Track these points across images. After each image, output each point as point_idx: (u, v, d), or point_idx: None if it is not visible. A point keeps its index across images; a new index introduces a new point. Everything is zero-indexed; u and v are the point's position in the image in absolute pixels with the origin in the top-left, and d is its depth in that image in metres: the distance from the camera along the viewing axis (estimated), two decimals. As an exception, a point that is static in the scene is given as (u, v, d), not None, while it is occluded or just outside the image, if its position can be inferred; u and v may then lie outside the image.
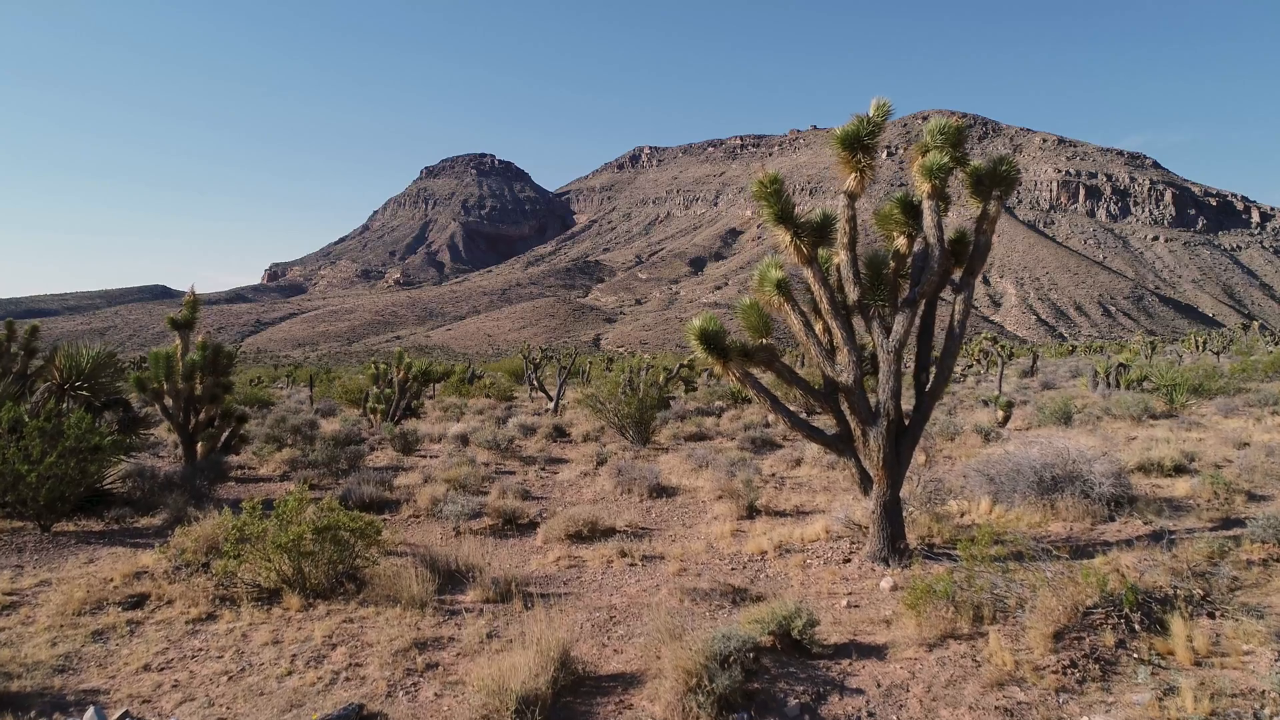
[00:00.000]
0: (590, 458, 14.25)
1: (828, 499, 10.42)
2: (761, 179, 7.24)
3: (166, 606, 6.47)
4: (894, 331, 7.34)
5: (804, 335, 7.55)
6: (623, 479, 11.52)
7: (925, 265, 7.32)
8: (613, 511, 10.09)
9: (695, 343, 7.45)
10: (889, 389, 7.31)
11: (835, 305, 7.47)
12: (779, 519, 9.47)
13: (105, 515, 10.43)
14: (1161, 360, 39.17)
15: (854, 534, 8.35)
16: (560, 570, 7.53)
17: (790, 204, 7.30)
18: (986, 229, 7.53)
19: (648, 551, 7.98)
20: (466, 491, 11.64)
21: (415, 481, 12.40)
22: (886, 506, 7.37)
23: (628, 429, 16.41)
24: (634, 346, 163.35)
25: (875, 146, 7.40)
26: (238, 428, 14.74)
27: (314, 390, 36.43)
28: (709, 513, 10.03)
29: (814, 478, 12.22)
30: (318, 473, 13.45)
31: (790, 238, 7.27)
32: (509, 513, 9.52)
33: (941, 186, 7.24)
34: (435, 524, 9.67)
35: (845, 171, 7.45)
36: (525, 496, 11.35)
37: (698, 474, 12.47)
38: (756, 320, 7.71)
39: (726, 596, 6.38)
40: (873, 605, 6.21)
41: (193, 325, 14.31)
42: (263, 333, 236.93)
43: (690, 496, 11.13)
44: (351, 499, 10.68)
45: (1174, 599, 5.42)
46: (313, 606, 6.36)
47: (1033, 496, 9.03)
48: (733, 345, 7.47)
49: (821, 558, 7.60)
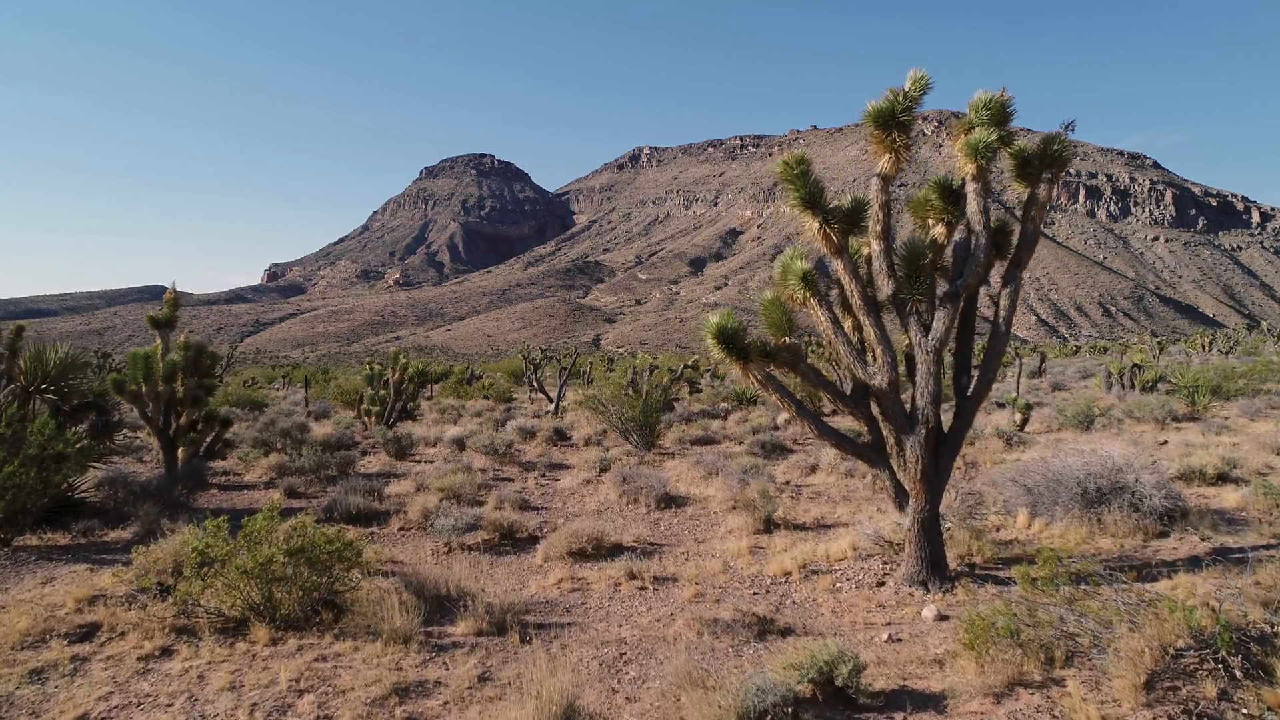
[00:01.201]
0: (593, 464, 13.50)
1: (850, 510, 9.67)
2: (787, 159, 6.50)
3: (118, 639, 5.73)
4: (934, 329, 6.61)
5: (832, 334, 6.81)
6: (628, 488, 10.78)
7: (969, 256, 6.58)
8: (618, 525, 9.35)
9: (712, 342, 6.72)
10: (928, 393, 6.57)
11: (868, 300, 6.73)
12: (799, 533, 8.72)
13: (73, 528, 9.68)
14: (1169, 361, 38.45)
15: (884, 552, 7.61)
16: (562, 594, 6.78)
17: (819, 187, 6.57)
18: (1035, 216, 6.79)
19: (659, 572, 7.23)
20: (461, 502, 10.90)
21: (407, 490, 11.65)
22: (925, 524, 6.63)
23: (631, 432, 15.68)
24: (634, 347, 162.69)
25: (911, 124, 6.67)
26: (222, 432, 14.00)
27: (309, 391, 35.68)
28: (722, 526, 9.28)
29: (832, 486, 11.47)
30: (304, 480, 12.70)
31: (819, 225, 6.53)
32: (506, 526, 8.78)
33: (987, 167, 6.51)
34: (426, 538, 8.93)
35: (878, 152, 6.71)
36: (524, 507, 10.61)
37: (707, 482, 11.73)
38: (778, 317, 6.98)
39: (751, 628, 5.64)
40: (918, 639, 5.47)
41: (173, 324, 13.58)
42: (262, 333, 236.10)
43: (701, 507, 10.39)
44: (337, 510, 9.94)
45: (1274, 637, 4.68)
46: (282, 640, 5.61)
47: (1076, 510, 8.28)
48: (753, 345, 6.74)
49: (852, 580, 6.86)
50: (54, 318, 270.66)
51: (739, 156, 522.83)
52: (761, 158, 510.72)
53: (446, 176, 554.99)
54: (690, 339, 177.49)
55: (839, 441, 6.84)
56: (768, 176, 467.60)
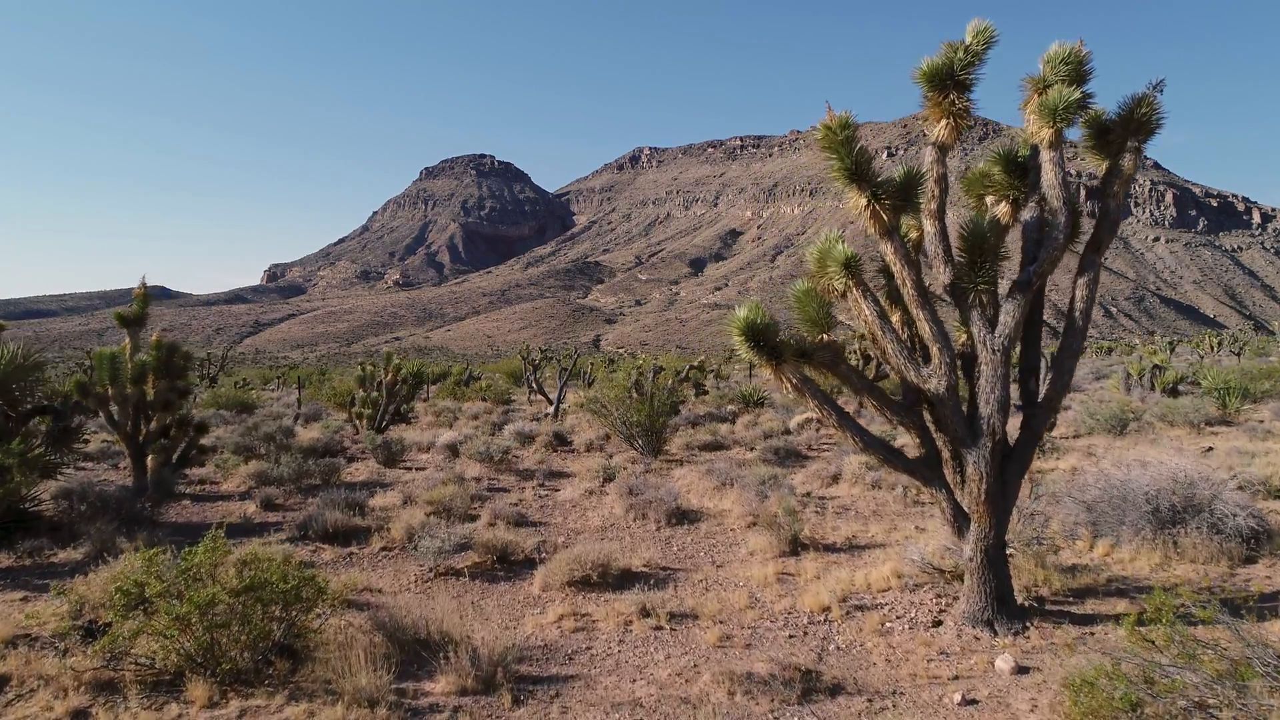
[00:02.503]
0: (595, 472, 12.51)
1: (884, 529, 8.67)
2: (829, 122, 5.50)
3: (27, 697, 4.73)
4: (1001, 324, 5.62)
5: (879, 330, 5.82)
6: (635, 501, 9.79)
7: (1044, 237, 5.60)
8: (626, 545, 8.35)
9: (740, 339, 5.72)
10: (994, 399, 5.58)
11: (922, 291, 5.74)
12: (830, 556, 7.73)
13: (19, 546, 8.68)
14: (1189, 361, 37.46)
15: (934, 581, 6.62)
16: (563, 635, 5.78)
17: (866, 155, 5.57)
18: (1118, 191, 5.79)
19: (676, 607, 6.22)
20: (452, 516, 9.90)
21: (393, 503, 10.66)
22: (989, 552, 5.64)
23: (636, 438, 14.68)
24: (634, 347, 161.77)
25: (972, 84, 5.68)
26: (197, 438, 12.99)
27: (303, 393, 34.67)
28: (742, 546, 8.28)
29: (858, 499, 10.48)
30: (283, 491, 11.71)
31: (867, 201, 5.54)
32: (499, 548, 7.78)
33: (1064, 131, 5.52)
34: (410, 561, 7.92)
35: (934, 117, 5.73)
36: (520, 523, 9.61)
37: (721, 493, 10.73)
38: (815, 311, 5.99)
39: (792, 685, 4.64)
40: (1000, 702, 4.47)
41: (143, 321, 12.59)
42: (262, 333, 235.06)
43: (717, 523, 9.39)
44: (313, 528, 8.94)
45: None
46: (224, 700, 4.62)
47: (1148, 531, 7.29)
48: (786, 343, 5.75)
49: (903, 618, 5.86)
50: (53, 318, 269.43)
51: (739, 157, 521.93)
52: (761, 158, 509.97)
53: (446, 177, 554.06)
54: (691, 339, 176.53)
55: (887, 456, 5.84)
56: (768, 177, 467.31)
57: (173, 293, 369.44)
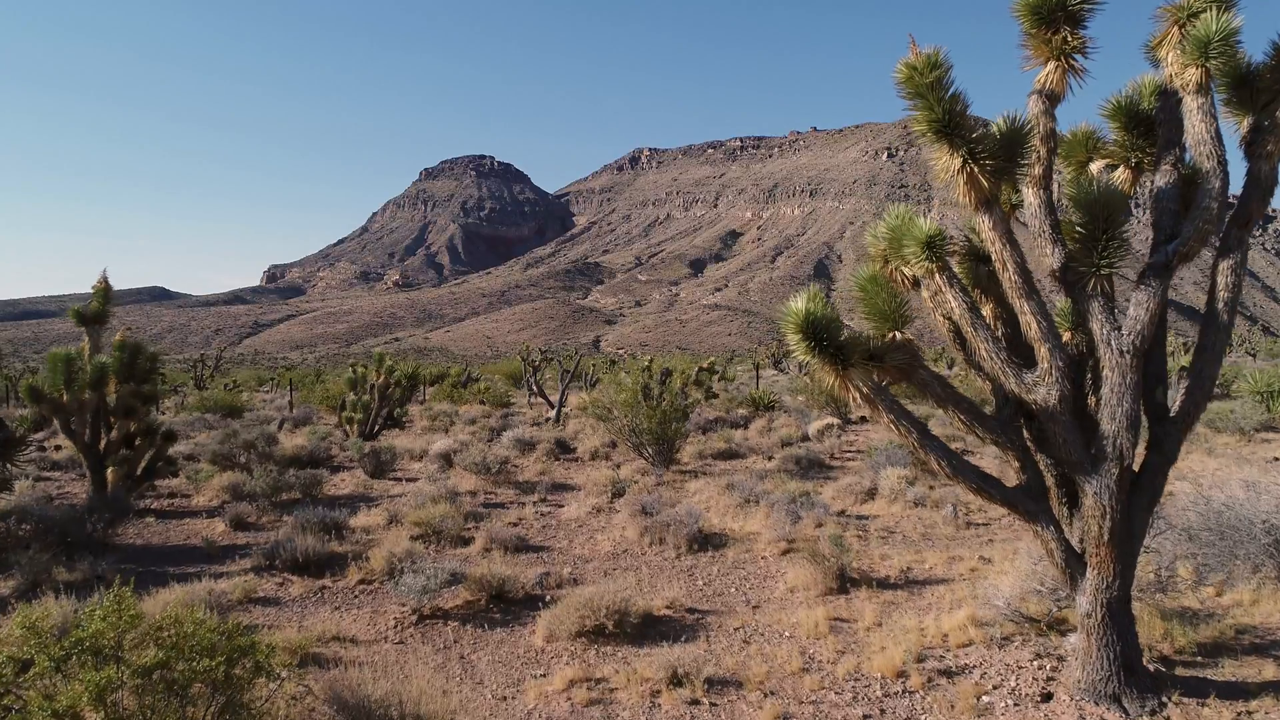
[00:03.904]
0: (603, 486, 11.32)
1: (941, 559, 7.48)
2: (913, 60, 4.32)
3: None
4: (1132, 318, 4.44)
5: (970, 326, 4.63)
6: (651, 523, 8.60)
7: (1194, 208, 4.41)
8: (644, 579, 7.17)
9: (796, 338, 4.54)
10: (1122, 414, 4.39)
11: (1026, 276, 4.56)
12: (885, 594, 6.54)
13: (-59, 578, 7.51)
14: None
15: (1022, 631, 5.44)
16: (574, 713, 4.58)
17: (961, 103, 4.38)
18: (1271, 152, 4.60)
19: (714, 670, 5.01)
20: (442, 540, 8.72)
21: (377, 523, 9.48)
22: (1113, 606, 4.45)
23: (645, 446, 13.49)
24: (634, 348, 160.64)
25: (1086, 17, 4.50)
26: (164, 447, 11.79)
27: (295, 395, 33.43)
28: (779, 580, 7.09)
29: (901, 520, 9.28)
30: (257, 507, 10.52)
31: (962, 162, 4.35)
32: (496, 585, 6.59)
33: (1211, 73, 4.34)
34: (392, 599, 6.73)
35: (1037, 56, 4.55)
36: (520, 548, 8.42)
37: (745, 513, 9.55)
38: (885, 304, 4.84)
39: (883, 799, 3.45)
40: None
41: (104, 319, 11.38)
42: (261, 334, 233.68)
43: (744, 549, 8.20)
44: (281, 556, 7.74)
45: None
46: (121, 823, 3.43)
47: (1271, 568, 6.10)
48: (854, 342, 4.57)
49: (1001, 688, 4.67)
50: (52, 319, 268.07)
51: (739, 158, 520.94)
52: (761, 159, 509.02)
53: (446, 178, 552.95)
54: (691, 340, 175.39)
55: (981, 485, 4.65)
56: (768, 178, 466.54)
57: (172, 293, 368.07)
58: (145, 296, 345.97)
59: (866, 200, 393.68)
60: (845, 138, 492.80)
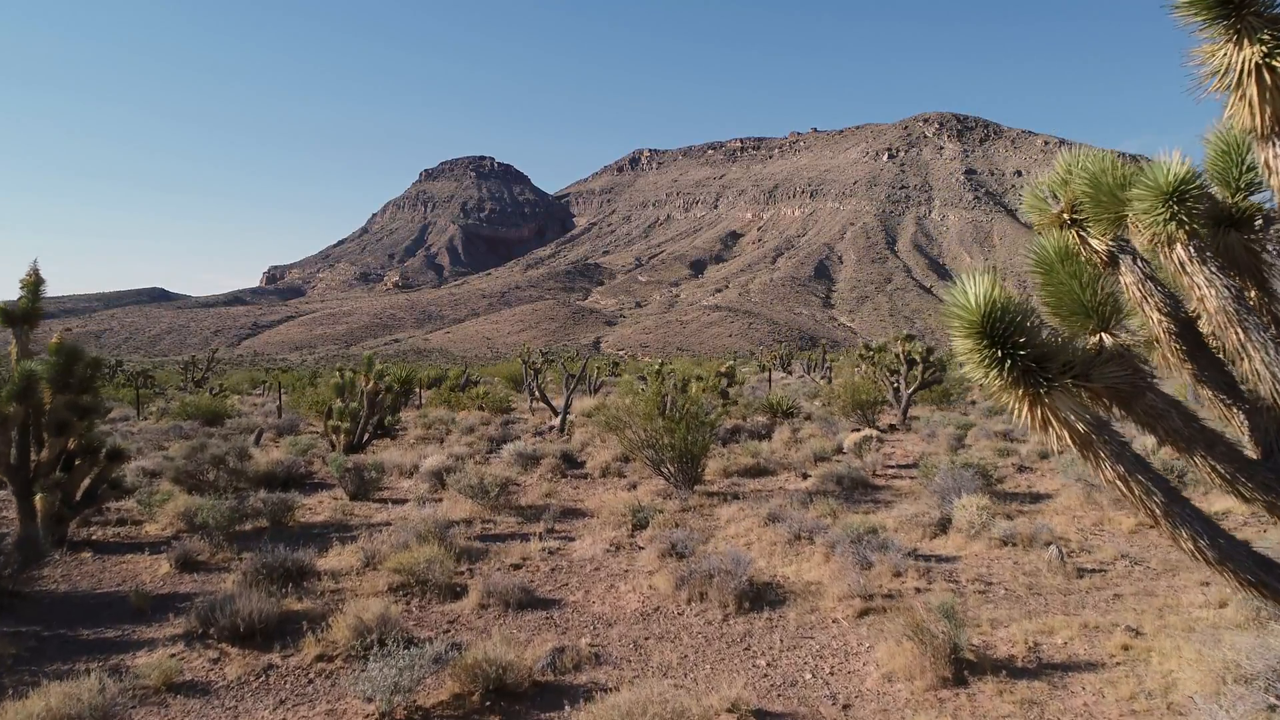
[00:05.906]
0: (620, 515, 9.63)
1: (1072, 626, 5.76)
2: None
3: None
4: None
5: (1234, 321, 2.92)
6: (688, 571, 6.89)
7: None
8: (689, 658, 5.46)
9: (969, 343, 2.83)
10: None
11: (1338, 245, 2.86)
12: (1020, 687, 4.83)
13: None
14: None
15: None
16: None
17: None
18: None
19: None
20: (427, 592, 7.02)
21: (350, 565, 7.78)
22: None
23: (666, 463, 11.79)
24: (634, 350, 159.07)
25: None
26: (109, 468, 10.09)
27: (284, 400, 31.68)
28: (865, 659, 5.40)
29: (993, 564, 7.55)
30: (211, 543, 8.82)
31: (1259, 57, 2.66)
32: (494, 676, 4.89)
33: None
34: (354, 694, 5.01)
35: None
36: (525, 603, 6.72)
37: (797, 552, 7.85)
38: (1084, 290, 3.13)
39: None
40: None
41: (32, 319, 9.69)
42: (260, 335, 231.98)
43: (808, 607, 6.49)
44: (219, 622, 6.02)
45: None
46: None
47: None
48: (1059, 351, 2.87)
49: None
50: (50, 320, 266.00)
51: (739, 159, 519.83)
52: (762, 160, 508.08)
53: (446, 179, 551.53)
54: (692, 341, 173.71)
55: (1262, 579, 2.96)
56: (768, 179, 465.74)
57: (171, 294, 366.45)
58: (144, 297, 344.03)
59: (867, 201, 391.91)
60: (846, 139, 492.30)
